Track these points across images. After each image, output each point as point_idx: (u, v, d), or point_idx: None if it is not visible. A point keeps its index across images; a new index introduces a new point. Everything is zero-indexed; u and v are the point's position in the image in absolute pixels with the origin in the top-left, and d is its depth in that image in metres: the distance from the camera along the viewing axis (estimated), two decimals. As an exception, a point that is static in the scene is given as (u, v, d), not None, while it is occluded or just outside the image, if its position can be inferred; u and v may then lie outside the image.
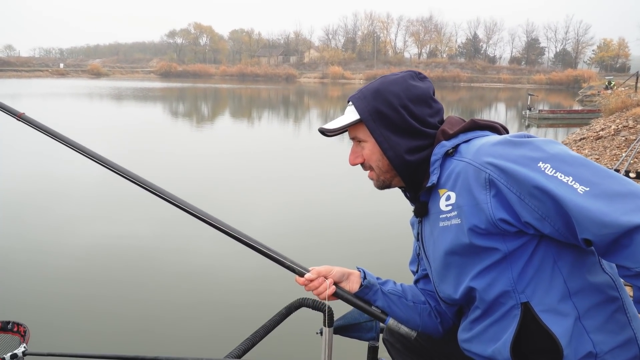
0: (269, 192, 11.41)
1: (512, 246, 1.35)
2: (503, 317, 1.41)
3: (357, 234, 8.40)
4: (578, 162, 1.26)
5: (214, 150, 17.47)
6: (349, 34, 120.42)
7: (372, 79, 1.66)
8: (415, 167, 1.53)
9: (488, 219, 1.33)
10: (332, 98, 53.14)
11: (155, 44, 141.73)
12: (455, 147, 1.45)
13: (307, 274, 1.67)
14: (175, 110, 36.34)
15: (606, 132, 16.36)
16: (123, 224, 8.67)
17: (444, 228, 1.46)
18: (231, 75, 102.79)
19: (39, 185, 11.42)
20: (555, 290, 1.34)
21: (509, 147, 1.33)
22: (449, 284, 1.53)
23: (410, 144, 1.52)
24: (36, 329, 2.15)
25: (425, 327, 1.72)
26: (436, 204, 1.48)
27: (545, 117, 28.80)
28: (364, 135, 1.58)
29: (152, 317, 5.46)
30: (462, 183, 1.39)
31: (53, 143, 1.84)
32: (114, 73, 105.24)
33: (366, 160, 1.61)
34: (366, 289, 1.70)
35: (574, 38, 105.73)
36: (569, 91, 67.61)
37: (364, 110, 1.54)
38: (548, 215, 1.26)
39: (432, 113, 1.55)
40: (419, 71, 1.62)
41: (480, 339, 1.49)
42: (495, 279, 1.39)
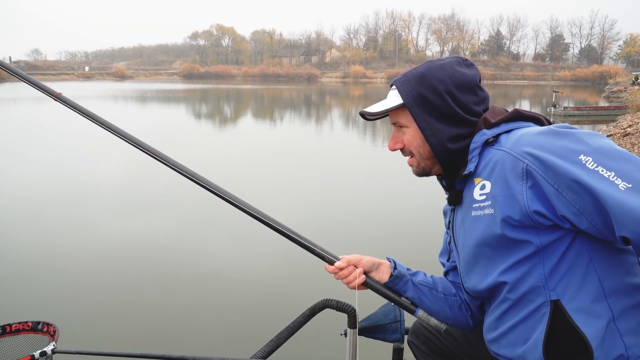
0: (293, 191, 11.44)
1: (546, 240, 1.30)
2: (531, 315, 1.36)
3: (384, 230, 8.37)
4: (622, 157, 1.20)
5: (238, 151, 17.56)
6: (370, 33, 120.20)
7: (394, 78, 1.63)
8: (456, 155, 1.49)
9: (522, 211, 1.29)
10: (354, 97, 53.01)
11: (178, 46, 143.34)
12: (495, 137, 1.41)
13: (337, 262, 1.65)
14: (199, 111, 36.64)
15: (634, 128, 16.02)
16: (146, 224, 8.77)
17: (476, 217, 1.42)
18: (253, 76, 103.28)
19: (61, 188, 11.62)
20: (589, 290, 1.30)
21: (550, 138, 1.29)
22: (476, 275, 1.49)
23: (453, 132, 1.48)
24: (65, 329, 2.18)
25: (455, 320, 1.68)
26: (470, 193, 1.45)
27: (570, 114, 28.32)
28: (405, 121, 1.54)
29: (177, 316, 5.50)
30: (498, 172, 1.35)
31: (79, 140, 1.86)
32: (138, 75, 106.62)
33: (406, 146, 1.56)
34: (396, 279, 1.66)
35: (600, 33, 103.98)
36: (594, 87, 66.41)
37: (408, 95, 1.50)
38: (586, 210, 1.21)
39: (477, 101, 1.51)
40: (466, 57, 1.57)
41: (507, 339, 1.45)
42: (526, 274, 1.34)
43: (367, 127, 25.12)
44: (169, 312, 5.58)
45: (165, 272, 6.66)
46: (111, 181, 12.40)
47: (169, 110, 36.44)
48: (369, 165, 14.66)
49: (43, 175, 13.07)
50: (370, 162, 15.31)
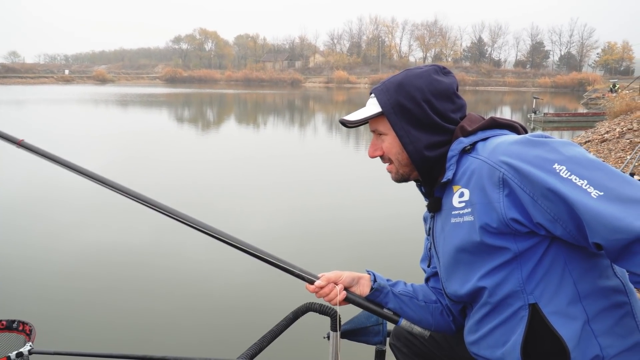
0: (275, 197, 11.41)
1: (523, 246, 1.34)
2: (510, 318, 1.41)
3: (364, 237, 8.39)
4: (594, 165, 1.24)
5: (220, 156, 17.50)
6: (354, 39, 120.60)
7: (377, 83, 1.66)
8: (433, 163, 1.53)
9: (500, 218, 1.32)
10: (338, 102, 53.12)
11: (160, 50, 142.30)
12: (472, 145, 1.44)
13: (317, 281, 1.68)
14: (181, 115, 36.40)
15: (611, 134, 16.31)
16: (125, 226, 8.69)
17: (455, 224, 1.46)
18: (236, 81, 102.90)
19: (39, 188, 11.47)
20: (565, 293, 1.34)
21: (525, 147, 1.32)
22: (456, 281, 1.52)
23: (430, 139, 1.51)
24: (42, 328, 2.15)
25: (437, 326, 1.72)
26: (449, 200, 1.48)
27: (550, 120, 28.72)
28: (384, 128, 1.57)
29: (158, 319, 5.45)
30: (476, 181, 1.38)
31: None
32: (119, 79, 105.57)
33: (385, 153, 1.59)
34: (377, 292, 1.70)
35: (579, 41, 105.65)
36: (573, 94, 67.36)
37: (386, 103, 1.53)
38: (560, 217, 1.25)
39: (454, 108, 1.54)
40: (443, 65, 1.61)
41: (487, 342, 1.48)
42: (505, 279, 1.38)
43: (350, 133, 25.24)
44: (150, 314, 5.54)
45: (146, 274, 6.60)
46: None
47: (150, 114, 36.14)
48: (352, 171, 14.68)
49: (21, 173, 12.89)
50: (353, 167, 15.33)
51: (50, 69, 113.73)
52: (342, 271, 1.72)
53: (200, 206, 10.25)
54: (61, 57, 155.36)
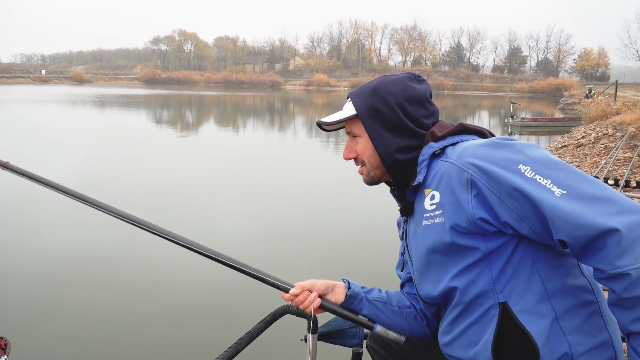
0: (251, 199, 11.38)
1: (492, 246, 1.38)
2: (482, 317, 1.44)
3: (341, 240, 8.41)
4: (557, 166, 1.30)
5: (197, 158, 17.39)
6: (334, 42, 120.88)
7: (356, 87, 1.70)
8: (404, 166, 1.58)
9: (469, 218, 1.37)
10: (317, 105, 53.22)
11: (139, 51, 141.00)
12: (442, 149, 1.49)
13: (291, 289, 1.70)
14: (159, 117, 36.12)
15: (587, 139, 16.60)
16: (100, 236, 8.58)
17: (427, 226, 1.49)
18: (216, 82, 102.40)
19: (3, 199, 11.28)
20: (533, 291, 1.37)
21: (492, 149, 1.38)
22: (429, 282, 1.55)
23: (401, 143, 1.56)
24: (17, 342, 2.11)
25: (412, 331, 1.75)
26: (421, 203, 1.52)
27: (527, 124, 29.13)
28: (358, 131, 1.62)
29: (134, 327, 5.40)
30: (445, 182, 1.42)
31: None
32: (97, 80, 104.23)
33: (359, 155, 1.64)
34: (351, 299, 1.72)
35: (556, 47, 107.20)
36: (550, 99, 68.43)
37: (361, 107, 1.58)
38: (526, 216, 1.29)
39: (426, 114, 1.59)
40: (418, 74, 1.66)
41: (460, 342, 1.51)
42: (475, 278, 1.42)
43: (330, 136, 25.27)
44: (125, 323, 5.47)
45: (119, 280, 6.51)
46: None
47: (128, 115, 35.78)
48: (330, 173, 14.71)
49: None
50: (332, 170, 15.37)
51: (27, 68, 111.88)
52: (317, 279, 1.75)
53: (174, 208, 10.19)
54: (38, 57, 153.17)
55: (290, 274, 1.74)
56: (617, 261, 1.18)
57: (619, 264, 1.18)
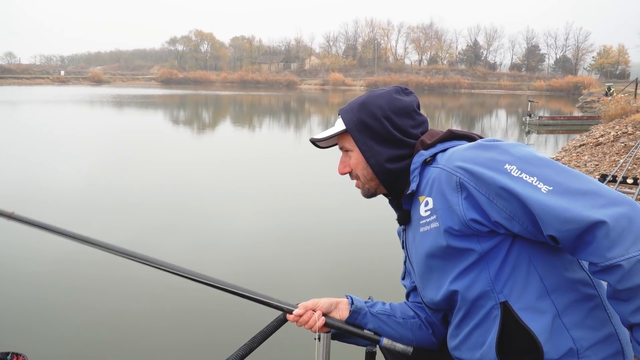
0: (264, 200, 11.39)
1: (487, 246, 1.40)
2: (485, 318, 1.45)
3: (353, 242, 8.39)
4: (542, 163, 1.33)
5: (212, 158, 17.49)
6: (349, 41, 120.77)
7: (372, 86, 1.73)
8: (396, 175, 1.61)
9: (461, 220, 1.39)
10: (333, 105, 53.20)
11: (156, 51, 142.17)
12: (433, 156, 1.53)
13: (295, 310, 1.72)
14: (176, 117, 36.41)
15: (605, 138, 16.38)
16: (103, 230, 8.66)
17: (424, 233, 1.52)
18: (232, 82, 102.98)
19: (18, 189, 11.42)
20: (533, 288, 1.39)
21: (478, 152, 1.42)
22: (431, 288, 1.58)
23: (391, 153, 1.60)
24: (14, 338, 2.13)
25: (418, 341, 1.76)
26: (417, 211, 1.55)
27: (545, 123, 28.83)
28: (350, 145, 1.66)
29: (149, 332, 5.38)
30: (437, 187, 1.46)
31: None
32: (114, 80, 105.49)
33: (353, 170, 1.68)
34: (355, 314, 1.74)
35: (574, 45, 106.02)
36: (569, 98, 67.73)
37: (350, 121, 1.63)
38: (516, 214, 1.32)
39: (414, 124, 1.63)
40: (405, 87, 1.70)
41: (467, 344, 1.52)
42: (474, 280, 1.44)
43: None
44: (142, 329, 5.45)
45: (123, 282, 6.47)
46: (71, 185, 12.24)
47: (145, 115, 36.13)
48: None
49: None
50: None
51: (46, 69, 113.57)
52: (320, 298, 1.77)
53: (189, 208, 10.25)
54: (57, 58, 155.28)
55: (301, 274, 1.73)
56: (607, 253, 1.19)
57: (609, 255, 1.18)
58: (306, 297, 1.80)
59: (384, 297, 1.86)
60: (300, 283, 6.55)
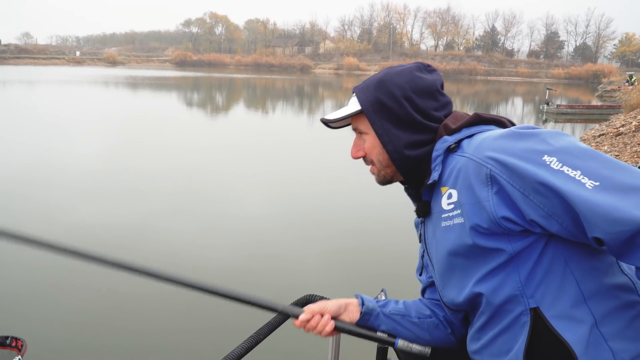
0: (276, 184, 11.34)
1: (518, 247, 1.25)
2: (512, 324, 1.31)
3: (369, 228, 8.30)
4: (587, 154, 1.16)
5: (225, 141, 17.47)
6: (365, 25, 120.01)
7: None
8: (415, 163, 1.47)
9: (490, 218, 1.24)
10: (347, 89, 52.93)
11: (170, 33, 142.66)
12: (457, 142, 1.37)
13: (301, 315, 1.59)
14: (190, 99, 36.47)
15: (627, 128, 16.06)
16: (112, 213, 8.64)
17: (446, 228, 1.38)
18: (246, 65, 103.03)
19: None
20: (568, 294, 1.23)
21: (512, 140, 1.25)
22: (452, 288, 1.44)
23: (410, 138, 1.45)
24: (34, 341, 2.08)
25: (436, 341, 1.63)
26: (438, 203, 1.41)
27: (563, 112, 28.41)
28: (365, 127, 1.52)
29: (152, 322, 5.29)
30: (463, 179, 1.31)
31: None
32: (129, 62, 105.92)
33: (367, 154, 1.54)
34: (367, 316, 1.61)
35: (595, 32, 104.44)
36: (588, 86, 66.80)
37: (365, 101, 1.48)
38: (555, 212, 1.16)
39: (438, 106, 1.48)
40: (428, 63, 1.54)
41: (490, 350, 1.39)
42: (502, 283, 1.29)
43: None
44: (144, 317, 5.36)
45: (138, 284, 6.36)
46: (83, 169, 12.26)
47: (159, 97, 36.21)
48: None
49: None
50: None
51: (62, 50, 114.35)
52: (328, 300, 1.64)
53: (198, 191, 10.23)
54: (73, 39, 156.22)
55: (310, 262, 1.61)
56: None
57: None
58: (315, 286, 1.68)
59: (398, 290, 1.74)
60: (309, 270, 6.45)
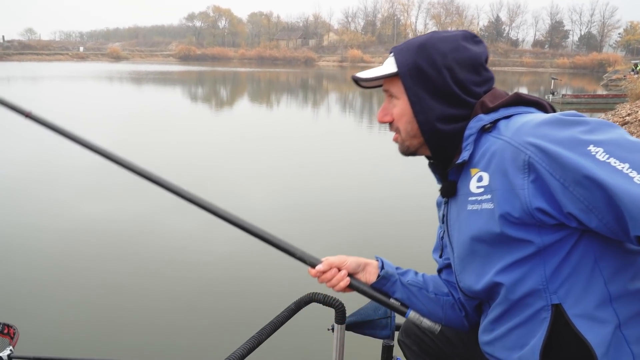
0: (280, 178, 11.30)
1: (549, 240, 1.18)
2: (530, 319, 1.25)
3: (374, 223, 8.27)
4: (637, 147, 1.07)
5: (229, 136, 17.43)
6: (368, 17, 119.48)
7: None
8: (445, 139, 1.37)
9: (523, 207, 1.16)
10: (351, 82, 52.59)
11: (174, 27, 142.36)
12: (493, 123, 1.28)
13: (318, 265, 1.55)
14: (194, 93, 36.41)
15: (633, 117, 15.94)
16: (114, 209, 8.62)
17: (472, 212, 1.30)
18: (250, 59, 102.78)
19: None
20: (594, 294, 1.18)
21: (556, 127, 1.15)
22: (471, 274, 1.37)
23: (445, 111, 1.35)
24: (26, 329, 2.07)
25: (448, 320, 1.58)
26: (466, 185, 1.32)
27: (568, 101, 28.18)
28: (397, 92, 1.41)
29: (149, 312, 5.21)
30: (497, 164, 1.22)
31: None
32: (133, 56, 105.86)
33: (395, 121, 1.44)
34: (384, 280, 1.56)
35: (600, 21, 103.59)
36: (593, 75, 66.29)
37: (403, 64, 1.37)
38: (596, 206, 1.08)
39: (479, 81, 1.37)
40: (475, 34, 1.43)
41: (503, 343, 1.34)
42: (525, 275, 1.23)
43: (364, 113, 24.97)
44: (140, 306, 5.30)
45: (134, 262, 6.35)
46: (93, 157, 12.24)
47: (163, 92, 36.18)
48: (364, 152, 14.49)
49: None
50: (365, 148, 15.17)
51: (65, 46, 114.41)
52: (348, 256, 1.58)
53: (203, 185, 10.20)
54: (76, 34, 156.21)
55: (321, 251, 1.59)
56: None
57: None
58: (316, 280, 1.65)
59: (412, 267, 1.69)
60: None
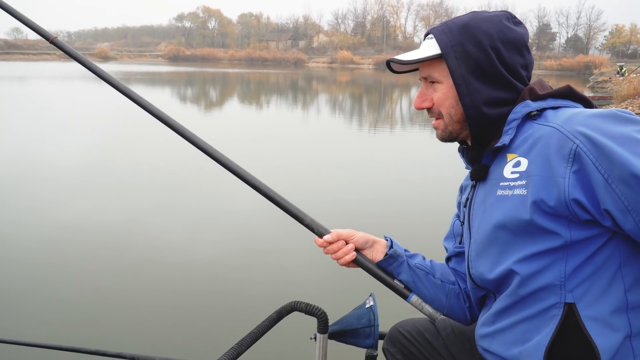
0: (270, 178, 11.21)
1: (577, 236, 1.14)
2: (538, 314, 1.21)
3: (377, 220, 8.25)
4: None
5: (218, 135, 17.34)
6: (358, 19, 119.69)
7: (381, 64, 1.47)
8: (489, 123, 1.32)
9: (560, 197, 1.12)
10: (341, 83, 52.76)
11: (163, 28, 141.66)
12: (540, 111, 1.24)
13: (326, 235, 1.54)
14: (183, 95, 36.21)
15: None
16: (102, 208, 8.50)
17: (501, 197, 1.25)
18: (239, 60, 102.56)
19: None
20: (611, 299, 1.15)
21: (610, 122, 1.11)
22: (486, 261, 1.32)
23: (492, 94, 1.30)
24: (5, 317, 2.02)
25: (451, 310, 1.56)
26: (500, 169, 1.28)
27: (556, 103, 28.37)
28: (439, 75, 1.34)
29: (127, 314, 5.12)
30: (540, 149, 1.18)
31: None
32: (122, 57, 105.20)
33: (436, 105, 1.37)
34: (391, 259, 1.54)
35: (586, 23, 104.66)
36: (579, 77, 66.73)
37: (447, 45, 1.30)
38: (636, 208, 1.05)
39: (523, 64, 1.32)
40: (514, 15, 1.39)
41: (504, 336, 1.29)
42: (544, 269, 1.19)
43: (354, 114, 24.97)
44: (119, 308, 5.21)
45: (118, 262, 6.26)
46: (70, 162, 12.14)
47: (153, 93, 35.92)
48: (354, 152, 14.48)
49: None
50: (355, 149, 15.14)
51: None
52: (357, 231, 1.57)
53: (190, 186, 10.15)
54: (64, 34, 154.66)
55: (304, 255, 1.55)
56: None
57: None
58: (306, 282, 1.62)
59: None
60: (300, 267, 6.37)
